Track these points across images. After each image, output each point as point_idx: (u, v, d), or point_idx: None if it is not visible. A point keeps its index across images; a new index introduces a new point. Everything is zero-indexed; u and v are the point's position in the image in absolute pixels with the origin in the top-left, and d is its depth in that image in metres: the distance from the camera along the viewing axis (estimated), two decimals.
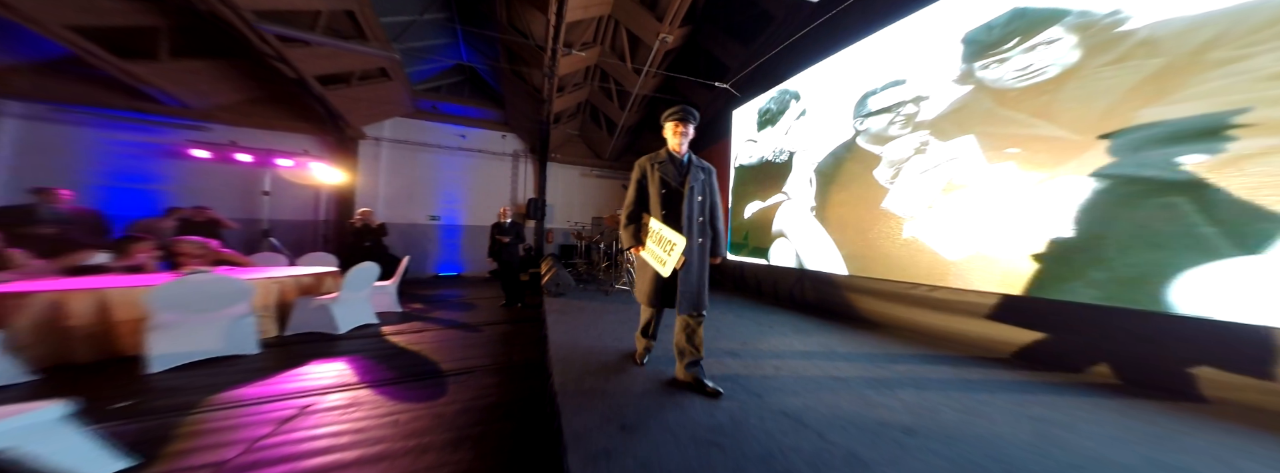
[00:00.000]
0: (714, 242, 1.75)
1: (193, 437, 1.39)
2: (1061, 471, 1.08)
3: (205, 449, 1.31)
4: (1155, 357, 1.71)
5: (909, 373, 1.90)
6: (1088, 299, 1.88)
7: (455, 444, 1.38)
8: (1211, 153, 1.57)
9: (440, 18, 6.15)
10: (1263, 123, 1.47)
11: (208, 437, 1.40)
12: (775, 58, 4.38)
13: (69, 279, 2.35)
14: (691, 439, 1.18)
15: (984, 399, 1.59)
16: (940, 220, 2.53)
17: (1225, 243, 1.53)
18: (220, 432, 1.44)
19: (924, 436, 1.25)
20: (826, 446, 1.17)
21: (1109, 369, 1.85)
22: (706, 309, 1.68)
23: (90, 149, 4.59)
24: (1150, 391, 1.71)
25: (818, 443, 1.18)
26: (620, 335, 2.40)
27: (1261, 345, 1.48)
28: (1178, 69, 1.66)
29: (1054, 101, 2.03)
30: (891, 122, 2.92)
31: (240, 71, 4.74)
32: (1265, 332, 1.46)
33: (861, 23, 3.33)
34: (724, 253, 1.65)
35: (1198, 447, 1.24)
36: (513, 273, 4.20)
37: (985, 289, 2.28)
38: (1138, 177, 1.75)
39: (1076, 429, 1.34)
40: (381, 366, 2.20)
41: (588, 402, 1.43)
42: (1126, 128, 1.79)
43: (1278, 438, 1.30)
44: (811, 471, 1.03)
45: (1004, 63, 2.27)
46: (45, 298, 1.91)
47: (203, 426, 1.48)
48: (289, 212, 5.59)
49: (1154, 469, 1.10)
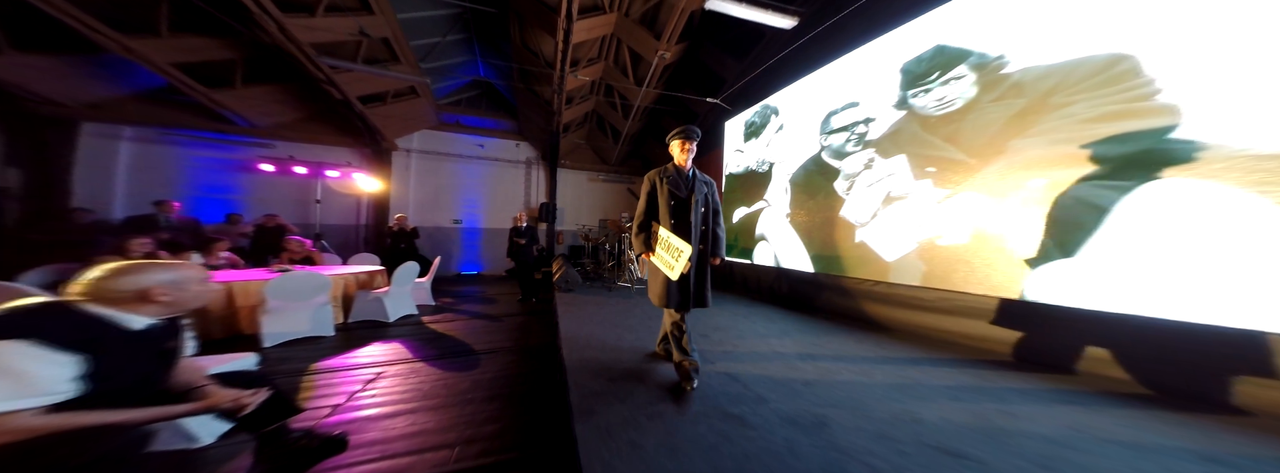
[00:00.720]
0: (714, 245, 1.93)
1: (311, 392, 2.02)
2: (886, 405, 1.59)
3: (322, 399, 1.93)
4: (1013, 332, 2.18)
5: (834, 349, 2.41)
6: (976, 291, 2.34)
7: (489, 399, 1.97)
8: (1047, 179, 2.02)
9: (460, 38, 6.79)
10: (1075, 159, 1.92)
11: (320, 392, 2.02)
12: (761, 74, 4.83)
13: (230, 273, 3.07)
14: (658, 387, 1.75)
15: (876, 367, 2.09)
16: (882, 227, 2.99)
17: (1056, 252, 1.99)
18: (327, 389, 2.06)
19: (817, 386, 1.78)
20: (745, 390, 1.72)
21: (972, 344, 2.32)
22: (708, 306, 1.91)
23: (182, 165, 5.45)
24: (984, 357, 2.18)
25: (740, 390, 1.73)
26: (619, 324, 2.97)
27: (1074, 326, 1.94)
28: (1034, 109, 2.10)
29: (959, 130, 2.47)
30: (847, 139, 3.38)
31: (295, 94, 5.50)
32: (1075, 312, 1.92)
33: (828, 49, 3.77)
34: (722, 254, 1.95)
35: (991, 381, 1.72)
36: (528, 271, 4.82)
37: (912, 284, 2.75)
38: (999, 193, 2.20)
39: (918, 382, 1.84)
40: (427, 346, 2.83)
41: (586, 368, 2.01)
42: (999, 156, 2.24)
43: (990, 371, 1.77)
44: (729, 404, 1.58)
45: (928, 93, 2.70)
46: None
47: (315, 385, 2.11)
48: (336, 217, 6.38)
49: (967, 393, 1.60)
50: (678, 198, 1.87)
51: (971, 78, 2.42)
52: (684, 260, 1.69)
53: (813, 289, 3.74)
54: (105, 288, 0.88)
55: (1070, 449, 1.28)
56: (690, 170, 1.92)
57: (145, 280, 0.92)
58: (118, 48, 3.76)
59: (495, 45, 6.78)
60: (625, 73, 6.14)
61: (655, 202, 1.94)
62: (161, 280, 0.93)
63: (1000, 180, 2.23)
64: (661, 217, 1.89)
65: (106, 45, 3.70)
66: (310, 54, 4.31)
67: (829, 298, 3.54)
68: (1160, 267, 1.70)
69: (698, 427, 1.38)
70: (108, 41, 3.66)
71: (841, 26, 3.59)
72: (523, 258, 4.77)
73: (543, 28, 5.23)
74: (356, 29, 4.41)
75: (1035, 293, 2.08)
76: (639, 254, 2.01)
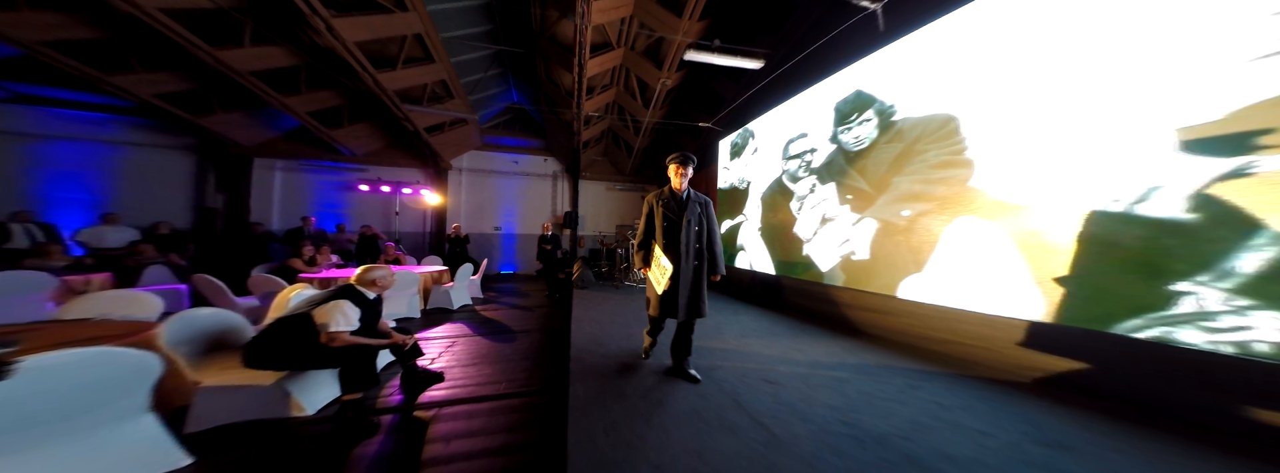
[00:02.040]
0: (712, 262, 2.08)
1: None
2: (783, 364, 2.47)
3: (429, 354, 3.14)
4: (886, 324, 2.94)
5: (776, 333, 3.27)
6: (881, 287, 3.10)
7: (522, 359, 3.05)
8: (912, 211, 2.76)
9: (497, 72, 8.10)
10: (929, 195, 2.64)
11: (426, 351, 3.24)
12: (743, 102, 5.61)
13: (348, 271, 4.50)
14: (628, 352, 2.76)
15: (802, 346, 2.95)
16: (819, 243, 3.77)
17: (912, 266, 2.73)
18: (428, 349, 3.28)
19: (737, 354, 2.70)
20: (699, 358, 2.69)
21: (878, 334, 3.08)
22: (703, 316, 2.08)
23: (311, 188, 7.24)
24: (870, 339, 2.93)
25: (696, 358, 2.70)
26: (615, 313, 4.00)
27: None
28: (906, 153, 2.83)
29: (866, 165, 3.22)
30: (799, 166, 4.15)
31: (380, 128, 7.06)
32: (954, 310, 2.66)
33: (789, 86, 4.53)
34: (722, 271, 2.17)
35: (855, 354, 2.54)
36: (554, 272, 5.98)
37: (839, 286, 3.52)
38: (886, 220, 2.94)
39: (807, 354, 2.69)
40: (481, 326, 4.01)
41: (584, 338, 3.06)
42: (886, 190, 2.98)
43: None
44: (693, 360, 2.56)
45: (850, 131, 3.44)
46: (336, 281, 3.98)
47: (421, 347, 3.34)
48: (409, 226, 7.97)
49: (834, 358, 2.45)
50: (671, 219, 2.05)
51: (875, 121, 3.15)
52: (667, 278, 1.94)
53: (775, 290, 4.56)
54: (361, 279, 2.03)
55: (879, 395, 2.12)
56: (685, 192, 2.08)
57: (372, 275, 2.07)
58: (277, 104, 5.35)
59: (525, 76, 8.01)
60: (634, 96, 7.12)
61: (653, 222, 2.13)
62: (378, 275, 2.08)
63: (885, 209, 2.98)
64: (657, 235, 2.10)
65: (271, 103, 5.30)
66: (394, 98, 5.71)
67: (787, 296, 4.35)
68: (963, 274, 2.44)
69: (646, 370, 2.38)
70: (272, 100, 5.24)
71: (797, 68, 4.33)
72: (549, 262, 5.95)
73: (561, 64, 6.35)
74: (428, 78, 5.77)
75: (903, 293, 2.83)
76: (639, 268, 2.26)
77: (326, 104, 6.01)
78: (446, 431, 1.76)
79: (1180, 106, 1.71)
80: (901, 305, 2.89)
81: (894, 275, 2.93)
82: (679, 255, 2.03)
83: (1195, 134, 1.66)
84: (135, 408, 1.35)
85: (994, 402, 1.91)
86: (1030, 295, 2.15)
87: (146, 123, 6.18)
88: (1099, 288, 1.90)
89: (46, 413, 1.13)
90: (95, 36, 4.31)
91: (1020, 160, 2.20)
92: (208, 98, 5.63)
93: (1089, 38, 2.00)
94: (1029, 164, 2.18)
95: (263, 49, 4.71)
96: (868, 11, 3.09)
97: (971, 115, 2.46)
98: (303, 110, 5.74)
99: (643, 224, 2.20)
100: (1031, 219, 2.14)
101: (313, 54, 5.06)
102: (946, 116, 2.58)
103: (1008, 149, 2.27)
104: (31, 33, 3.95)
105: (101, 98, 5.77)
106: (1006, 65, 2.32)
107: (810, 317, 3.81)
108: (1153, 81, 1.80)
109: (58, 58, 4.23)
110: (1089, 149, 1.97)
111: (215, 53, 4.37)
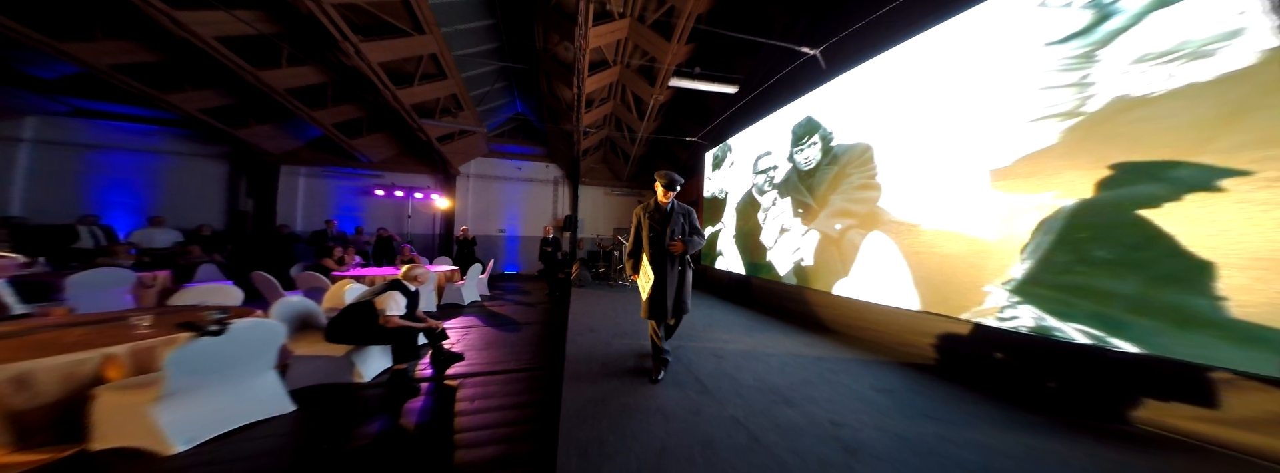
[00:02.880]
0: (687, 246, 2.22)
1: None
2: (733, 345, 3.11)
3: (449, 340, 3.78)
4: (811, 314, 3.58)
5: (738, 324, 3.91)
6: (821, 287, 3.74)
7: (528, 344, 3.71)
8: (842, 226, 3.40)
9: (503, 85, 8.74)
10: (853, 213, 3.28)
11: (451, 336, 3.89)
12: (723, 120, 6.24)
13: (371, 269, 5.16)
14: (614, 336, 3.40)
15: (754, 333, 3.58)
16: (778, 250, 4.41)
17: (841, 270, 3.37)
18: (452, 334, 3.92)
19: (702, 337, 3.34)
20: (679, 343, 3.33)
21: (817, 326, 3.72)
22: (685, 313, 2.33)
23: (331, 193, 7.90)
24: (812, 328, 3.56)
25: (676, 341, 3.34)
26: (608, 307, 4.64)
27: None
28: (839, 174, 3.47)
29: (813, 183, 3.85)
30: (765, 181, 4.79)
31: (396, 137, 7.71)
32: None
33: (760, 107, 5.15)
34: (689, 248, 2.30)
35: (766, 330, 3.18)
36: (554, 272, 6.63)
37: (791, 285, 4.16)
38: (825, 232, 3.58)
39: (763, 337, 3.32)
40: (490, 319, 4.66)
41: (578, 326, 3.71)
42: (826, 206, 3.61)
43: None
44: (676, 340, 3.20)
45: (801, 152, 4.07)
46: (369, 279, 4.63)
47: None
48: (421, 228, 8.63)
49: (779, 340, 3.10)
50: (655, 231, 2.26)
51: (820, 145, 3.78)
52: (650, 286, 2.23)
53: (746, 288, 5.21)
54: (406, 275, 2.68)
55: (793, 365, 2.76)
56: (669, 205, 2.29)
57: (414, 272, 2.71)
58: (306, 117, 6.00)
59: (528, 87, 8.66)
60: (630, 109, 7.76)
61: (640, 233, 2.34)
62: (419, 272, 2.73)
63: (825, 223, 3.61)
64: (644, 245, 2.32)
65: (301, 116, 5.94)
66: (411, 112, 6.35)
67: (753, 293, 5.01)
68: (874, 277, 3.08)
69: (628, 352, 3.02)
70: (302, 113, 5.88)
71: (764, 95, 4.96)
72: (550, 263, 6.59)
73: (562, 81, 6.99)
74: (441, 93, 6.42)
75: (837, 291, 3.47)
76: (629, 274, 2.52)
77: (348, 116, 6.67)
78: (470, 394, 2.39)
79: (992, 154, 2.35)
80: (834, 300, 3.54)
81: (831, 278, 3.57)
82: (664, 262, 2.25)
83: (999, 176, 2.30)
84: (268, 364, 1.99)
85: (868, 367, 2.57)
86: (911, 293, 2.82)
87: (186, 134, 6.83)
88: (944, 286, 2.54)
89: (234, 361, 1.77)
90: (155, 60, 4.96)
91: (907, 188, 2.84)
92: (244, 111, 6.28)
93: (943, 100, 2.64)
94: (912, 191, 2.82)
95: (297, 69, 5.36)
96: (808, 56, 3.73)
97: (881, 146, 3.09)
98: (328, 122, 6.39)
99: (632, 235, 2.44)
100: (915, 236, 2.78)
101: (340, 72, 5.71)
102: (866, 145, 3.21)
103: (900, 178, 2.90)
104: (104, 58, 4.60)
105: (148, 111, 6.42)
106: (898, 110, 2.97)
107: (771, 311, 4.45)
108: (977, 134, 2.43)
109: (123, 79, 4.88)
110: (943, 182, 2.61)
111: (257, 73, 5.01)
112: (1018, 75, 2.27)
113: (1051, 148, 2.08)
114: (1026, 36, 2.24)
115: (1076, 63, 2.01)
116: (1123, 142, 1.82)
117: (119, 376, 1.73)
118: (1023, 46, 2.26)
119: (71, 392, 1.59)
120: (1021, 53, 2.26)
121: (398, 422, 2.00)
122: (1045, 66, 2.14)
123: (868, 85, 3.32)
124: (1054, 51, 2.11)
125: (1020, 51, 2.27)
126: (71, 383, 1.60)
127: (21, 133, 5.91)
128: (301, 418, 1.99)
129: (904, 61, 3.00)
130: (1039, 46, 2.18)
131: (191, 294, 2.91)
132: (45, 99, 5.79)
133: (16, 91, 5.51)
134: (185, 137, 6.85)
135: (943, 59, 2.71)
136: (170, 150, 6.82)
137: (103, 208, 6.27)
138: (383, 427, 1.94)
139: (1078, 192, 1.96)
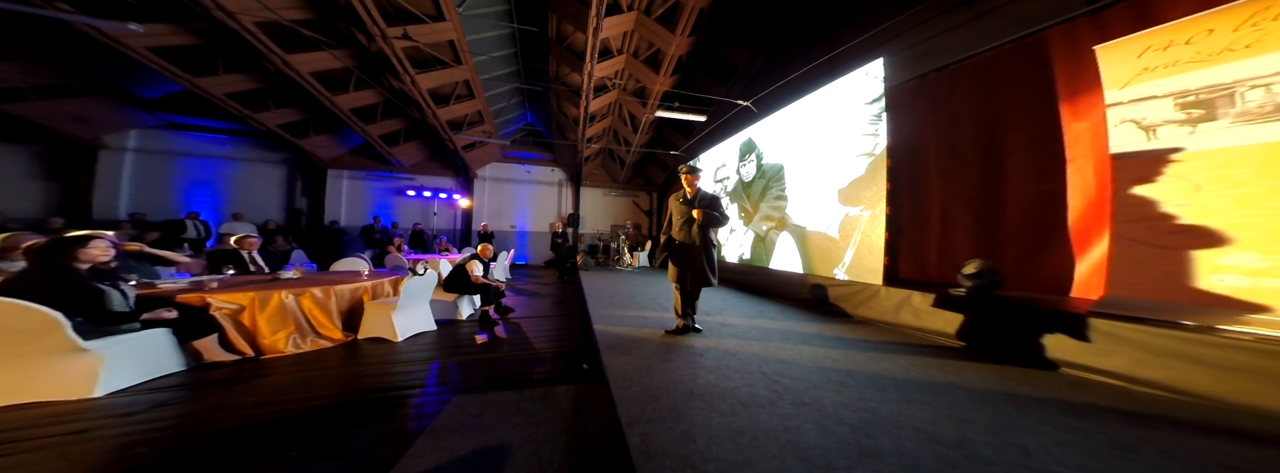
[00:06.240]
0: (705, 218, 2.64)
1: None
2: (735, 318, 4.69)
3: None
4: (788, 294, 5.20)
5: (724, 304, 5.49)
6: (759, 265, 5.36)
7: (554, 304, 5.26)
8: (767, 227, 5.01)
9: (517, 100, 10.19)
10: (772, 218, 4.89)
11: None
12: (699, 140, 7.83)
13: (422, 255, 6.61)
14: (627, 298, 4.98)
15: (731, 304, 5.17)
16: (732, 246, 6.01)
17: (765, 258, 4.99)
18: None
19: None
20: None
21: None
22: (710, 285, 2.73)
23: (369, 194, 9.27)
24: (783, 300, 5.17)
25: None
26: (611, 282, 6.17)
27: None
28: (765, 187, 5.06)
29: (750, 193, 5.44)
30: (720, 189, 6.38)
31: (427, 145, 9.11)
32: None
33: (723, 132, 6.73)
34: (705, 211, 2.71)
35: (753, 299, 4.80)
36: (562, 261, 8.15)
37: (742, 266, 5.78)
38: (757, 232, 5.19)
39: (740, 307, 4.91)
40: (520, 292, 6.19)
41: (598, 294, 5.27)
42: (757, 212, 5.22)
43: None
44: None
45: (744, 166, 5.66)
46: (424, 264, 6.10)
47: None
48: (442, 224, 10.05)
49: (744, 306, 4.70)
50: (686, 214, 2.74)
51: (755, 162, 5.37)
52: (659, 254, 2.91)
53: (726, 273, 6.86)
54: (482, 251, 4.21)
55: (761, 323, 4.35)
56: (695, 194, 2.73)
57: (488, 250, 4.23)
58: (359, 130, 7.38)
59: (538, 102, 10.12)
60: (625, 123, 9.29)
61: (670, 219, 2.86)
62: (491, 250, 4.25)
63: (757, 225, 5.21)
64: (673, 227, 2.82)
65: (356, 130, 7.32)
66: (446, 127, 7.77)
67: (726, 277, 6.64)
68: (785, 261, 4.69)
69: (630, 307, 4.59)
70: (357, 127, 7.26)
71: (726, 123, 6.56)
72: (559, 252, 8.12)
73: (570, 102, 8.48)
74: (469, 110, 7.87)
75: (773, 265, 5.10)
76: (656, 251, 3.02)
77: (392, 129, 8.06)
78: (524, 327, 3.92)
79: (840, 177, 3.96)
80: (771, 272, 5.18)
81: (763, 263, 5.20)
82: (689, 232, 2.69)
83: (841, 194, 3.91)
84: (426, 300, 3.50)
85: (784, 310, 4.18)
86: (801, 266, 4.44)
87: (253, 142, 8.14)
88: (816, 261, 4.17)
89: (418, 292, 3.29)
90: (256, 88, 6.32)
91: (803, 199, 4.45)
92: (308, 125, 7.62)
93: (820, 137, 4.21)
94: (806, 201, 4.43)
95: (361, 92, 6.75)
96: (742, 107, 5.34)
97: (789, 167, 4.70)
98: (375, 134, 7.78)
99: (667, 219, 2.91)
100: (804, 234, 4.39)
101: (392, 94, 7.11)
102: (780, 165, 4.81)
103: (799, 192, 4.51)
104: (222, 88, 5.95)
105: (223, 123, 7.72)
106: (797, 143, 4.56)
107: (738, 287, 6.08)
108: (834, 163, 4.03)
109: (230, 103, 6.23)
110: (818, 196, 4.20)
111: (332, 97, 6.39)
112: (853, 123, 3.87)
113: (861, 177, 3.70)
114: (859, 96, 3.82)
115: (874, 118, 3.61)
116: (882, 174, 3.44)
117: (369, 298, 3.23)
118: (857, 103, 3.84)
119: (350, 304, 3.10)
120: (856, 107, 3.84)
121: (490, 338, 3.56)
122: (864, 118, 3.73)
123: (782, 125, 4.92)
124: (868, 108, 3.70)
125: (856, 107, 3.84)
126: (349, 299, 3.11)
127: (127, 144, 7.18)
128: (439, 332, 3.52)
129: (802, 110, 4.60)
130: (862, 104, 3.76)
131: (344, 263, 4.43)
132: (147, 114, 7.07)
133: (127, 109, 6.79)
134: (252, 145, 8.16)
135: (821, 110, 4.30)
136: (240, 157, 8.13)
137: (192, 206, 7.57)
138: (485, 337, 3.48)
139: (873, 206, 3.57)
